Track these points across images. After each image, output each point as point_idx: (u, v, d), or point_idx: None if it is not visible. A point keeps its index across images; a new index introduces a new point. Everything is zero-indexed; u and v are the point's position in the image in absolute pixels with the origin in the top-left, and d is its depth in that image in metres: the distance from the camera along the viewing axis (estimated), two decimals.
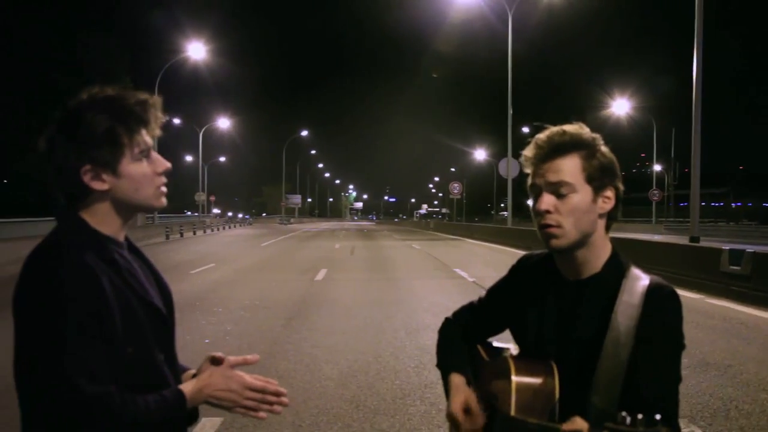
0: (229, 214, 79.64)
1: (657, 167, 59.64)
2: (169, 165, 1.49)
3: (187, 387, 1.46)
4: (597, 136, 1.63)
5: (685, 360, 6.11)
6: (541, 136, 1.62)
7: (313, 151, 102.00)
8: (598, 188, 1.58)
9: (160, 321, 1.48)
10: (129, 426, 1.31)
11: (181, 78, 44.77)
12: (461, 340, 1.86)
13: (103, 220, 1.44)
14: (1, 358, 2.13)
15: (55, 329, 1.27)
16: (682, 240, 19.08)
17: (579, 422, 1.35)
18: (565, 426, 1.34)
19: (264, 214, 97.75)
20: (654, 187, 50.89)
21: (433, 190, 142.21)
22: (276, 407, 1.55)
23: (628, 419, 1.13)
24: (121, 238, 1.48)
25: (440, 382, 1.83)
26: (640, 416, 1.13)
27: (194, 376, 1.57)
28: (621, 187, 1.61)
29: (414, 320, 9.30)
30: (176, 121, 56.97)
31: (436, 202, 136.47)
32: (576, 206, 1.56)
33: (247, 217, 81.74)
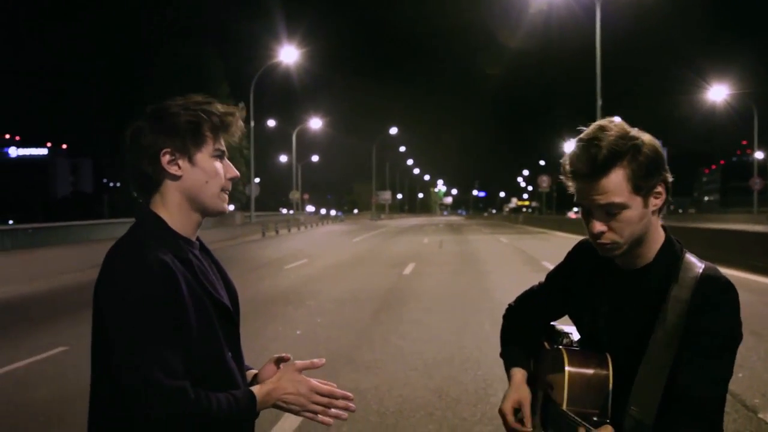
0: (322, 211, 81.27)
1: (759, 155, 56.38)
2: (237, 174, 1.59)
3: (258, 390, 1.51)
4: (633, 132, 1.53)
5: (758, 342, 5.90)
6: (578, 152, 1.53)
7: (402, 148, 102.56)
8: (647, 193, 1.53)
9: (229, 319, 1.55)
10: (200, 422, 1.39)
11: (274, 81, 46.19)
12: (523, 328, 1.88)
13: (178, 216, 1.52)
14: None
15: (136, 325, 1.36)
16: None
17: (608, 430, 1.41)
18: None
19: (355, 211, 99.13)
20: (755, 175, 48.16)
21: (522, 184, 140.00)
22: (342, 413, 1.57)
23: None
24: (193, 238, 1.57)
25: None
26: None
27: (255, 375, 1.65)
28: (669, 177, 1.56)
29: (499, 313, 9.23)
30: (271, 122, 58.65)
31: (525, 196, 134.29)
32: (629, 220, 1.52)
33: (339, 213, 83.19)
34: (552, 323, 1.89)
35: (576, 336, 1.79)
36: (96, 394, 1.49)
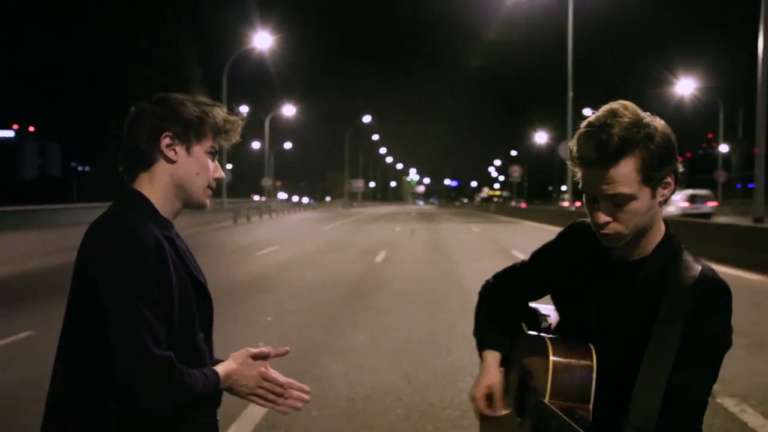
0: (294, 198, 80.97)
1: (724, 148, 57.46)
2: (223, 175, 1.68)
3: (221, 369, 1.57)
4: (646, 118, 1.46)
5: (741, 340, 6.14)
6: (587, 138, 1.44)
7: (375, 137, 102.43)
8: (657, 184, 1.46)
9: (206, 297, 1.60)
10: (181, 391, 1.43)
11: (247, 67, 45.72)
12: (500, 307, 1.81)
13: (164, 200, 1.56)
14: None
15: (129, 295, 1.40)
16: (746, 221, 18.55)
17: None
18: None
19: (327, 199, 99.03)
20: (720, 168, 49.18)
21: (494, 174, 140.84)
22: (297, 403, 1.66)
23: None
24: (172, 224, 1.61)
25: None
26: None
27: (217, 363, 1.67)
28: (679, 167, 1.50)
29: (469, 300, 9.45)
30: (244, 108, 58.21)
31: (497, 186, 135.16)
32: (636, 211, 1.45)
33: (311, 201, 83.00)
34: (530, 304, 1.83)
35: (554, 318, 1.75)
36: (62, 373, 1.49)
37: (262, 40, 33.23)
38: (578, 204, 32.88)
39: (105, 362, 1.41)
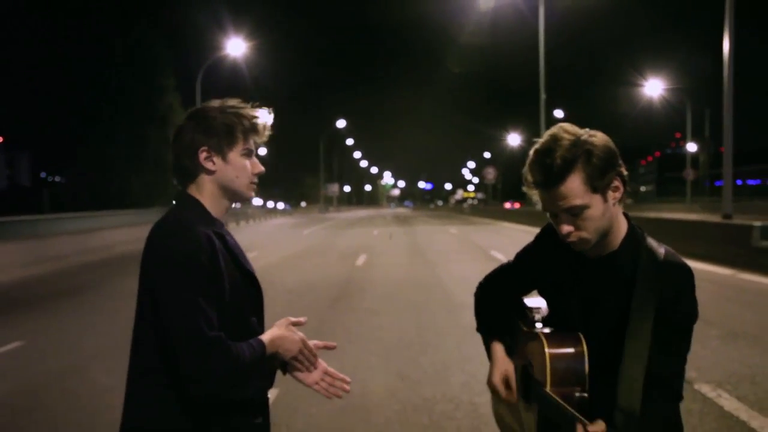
0: (270, 204, 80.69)
1: (692, 147, 58.59)
2: (263, 169, 1.83)
3: (266, 336, 1.77)
4: (582, 134, 1.64)
5: (714, 331, 6.44)
6: (535, 164, 1.65)
7: (350, 141, 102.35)
8: (605, 190, 1.64)
9: (255, 289, 1.82)
10: (235, 364, 1.62)
11: (222, 73, 45.47)
12: (496, 304, 2.00)
13: (212, 202, 1.77)
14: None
15: (186, 286, 1.60)
16: (716, 218, 19.05)
17: (600, 425, 1.50)
18: (590, 428, 1.48)
19: (303, 204, 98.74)
20: (688, 167, 50.17)
21: (468, 176, 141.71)
22: (337, 390, 1.92)
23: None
24: (223, 220, 1.81)
25: (479, 355, 2.00)
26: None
27: None
28: (624, 171, 1.68)
29: (453, 300, 9.70)
30: (215, 102, 57.71)
31: (471, 188, 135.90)
32: (592, 217, 1.64)
33: (287, 206, 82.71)
34: (522, 298, 2.00)
35: (545, 309, 1.91)
36: (138, 352, 1.72)
37: (236, 47, 33.21)
38: None
39: (166, 346, 1.62)
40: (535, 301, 1.98)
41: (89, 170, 39.77)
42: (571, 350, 1.69)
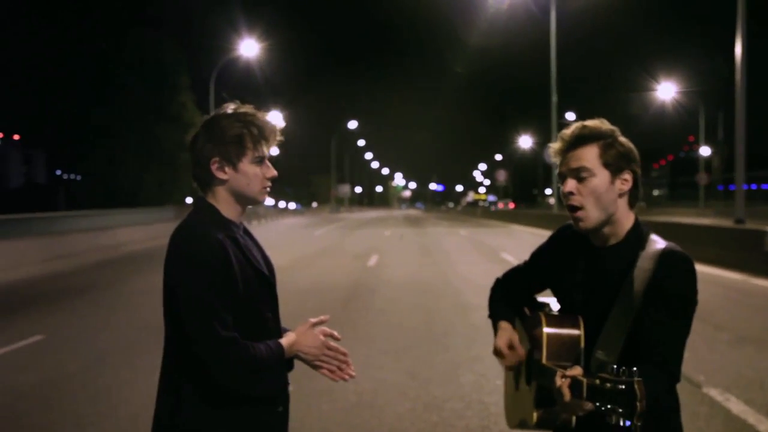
0: (281, 204, 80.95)
1: (705, 151, 58.22)
2: (275, 173, 1.91)
3: (284, 341, 1.87)
4: (615, 128, 1.86)
5: (724, 335, 6.50)
6: (566, 131, 1.87)
7: (361, 142, 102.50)
8: (615, 172, 1.81)
9: (269, 287, 1.91)
10: (249, 364, 1.74)
11: (235, 73, 45.72)
12: (509, 298, 2.13)
13: (226, 207, 1.87)
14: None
15: (200, 288, 1.72)
16: (728, 223, 19.03)
17: (577, 369, 1.61)
18: (567, 372, 1.60)
19: (314, 204, 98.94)
20: (701, 171, 49.88)
21: (479, 178, 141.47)
22: (342, 374, 1.99)
23: (612, 368, 1.44)
24: (238, 222, 1.91)
25: (489, 355, 2.11)
26: (623, 368, 1.44)
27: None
28: (638, 170, 1.84)
29: (463, 301, 9.79)
30: (230, 106, 57.97)
31: (482, 190, 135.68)
32: (595, 187, 1.80)
33: (298, 206, 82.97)
34: (535, 296, 2.15)
35: (556, 307, 2.04)
36: (168, 350, 1.85)
37: (249, 48, 33.46)
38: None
39: (187, 345, 1.75)
40: (546, 299, 2.12)
41: (102, 168, 40.14)
42: (568, 331, 1.82)
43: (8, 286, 12.51)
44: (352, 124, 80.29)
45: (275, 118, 1.93)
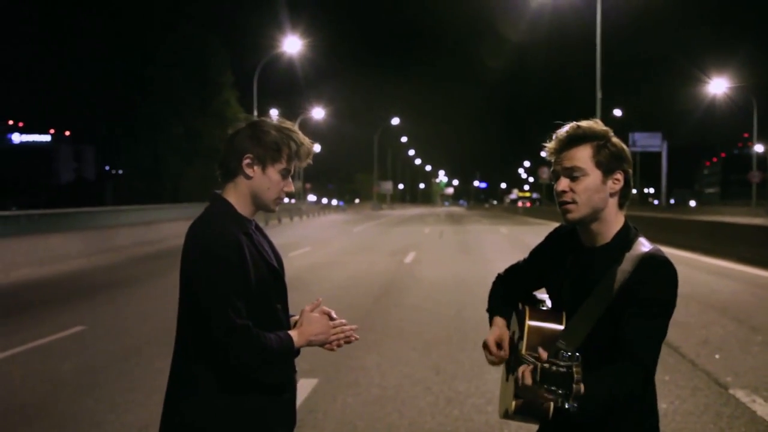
0: (324, 200, 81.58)
1: (759, 148, 56.55)
2: (293, 189, 2.07)
3: (293, 332, 1.98)
4: (608, 129, 1.93)
5: (759, 337, 6.41)
6: (561, 131, 1.94)
7: (404, 139, 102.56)
8: (607, 172, 1.89)
9: (279, 280, 2.05)
10: (261, 351, 1.87)
11: (278, 70, 46.32)
12: (507, 293, 2.21)
13: (242, 203, 2.00)
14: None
15: (216, 279, 1.86)
16: None
17: (541, 352, 1.65)
18: (532, 356, 1.69)
19: (357, 201, 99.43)
20: (754, 169, 48.39)
21: (524, 175, 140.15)
22: (351, 337, 2.09)
23: (562, 354, 1.53)
24: (251, 219, 2.05)
25: None
26: (569, 353, 1.52)
27: (295, 323, 2.10)
28: (630, 170, 1.92)
29: None
30: (274, 112, 58.90)
31: (526, 187, 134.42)
32: (587, 186, 1.88)
33: (340, 203, 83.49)
34: (533, 292, 2.21)
35: (550, 303, 2.11)
36: (180, 337, 1.99)
37: (292, 45, 33.84)
38: None
39: (204, 332, 1.89)
40: (543, 295, 2.18)
41: (146, 163, 41.07)
42: (550, 325, 1.90)
43: (55, 278, 12.99)
44: (395, 121, 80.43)
45: (311, 144, 2.09)
